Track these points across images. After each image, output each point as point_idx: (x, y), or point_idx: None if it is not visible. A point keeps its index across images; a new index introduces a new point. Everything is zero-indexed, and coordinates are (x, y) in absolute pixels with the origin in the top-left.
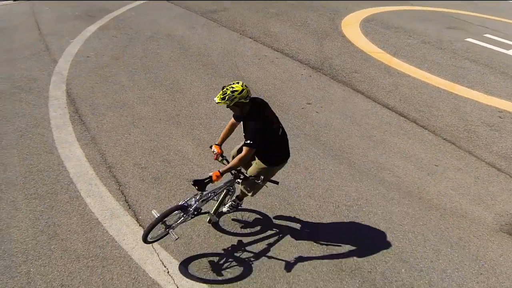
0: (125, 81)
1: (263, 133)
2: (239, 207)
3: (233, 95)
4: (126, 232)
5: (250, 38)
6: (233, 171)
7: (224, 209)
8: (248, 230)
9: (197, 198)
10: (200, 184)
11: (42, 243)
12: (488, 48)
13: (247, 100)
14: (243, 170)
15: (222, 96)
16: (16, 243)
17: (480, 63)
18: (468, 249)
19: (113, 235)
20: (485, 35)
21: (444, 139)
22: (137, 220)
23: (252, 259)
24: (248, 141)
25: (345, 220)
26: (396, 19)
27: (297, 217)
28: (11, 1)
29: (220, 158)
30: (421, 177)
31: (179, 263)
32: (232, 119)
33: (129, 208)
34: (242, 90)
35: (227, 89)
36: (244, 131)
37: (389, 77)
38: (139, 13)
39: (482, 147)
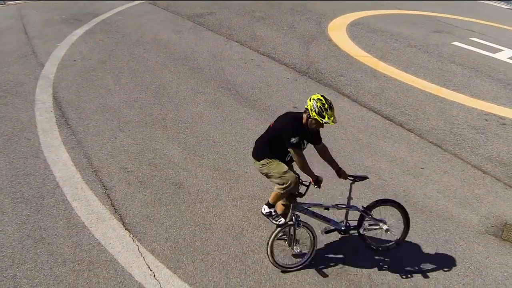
0: (111, 85)
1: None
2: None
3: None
4: (112, 236)
5: (236, 42)
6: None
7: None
8: (233, 234)
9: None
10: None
11: (28, 247)
12: (475, 52)
13: None
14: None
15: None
16: (2, 247)
17: (466, 67)
18: (454, 251)
19: (99, 239)
20: (472, 38)
21: (430, 142)
22: (123, 224)
23: (237, 263)
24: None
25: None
26: (383, 23)
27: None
28: None
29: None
30: (407, 180)
31: (165, 267)
32: (301, 152)
33: (115, 212)
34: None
35: (331, 103)
36: (316, 138)
37: (375, 80)
38: (126, 17)
39: (468, 150)
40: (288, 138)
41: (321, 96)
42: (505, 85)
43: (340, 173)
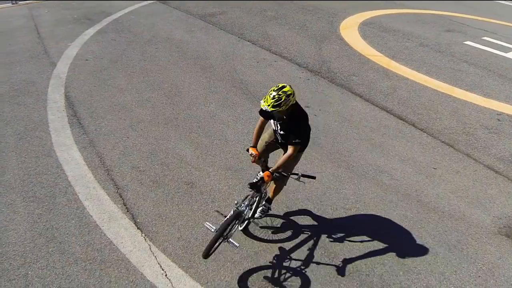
0: (123, 84)
1: (309, 130)
2: (269, 212)
3: (289, 99)
4: (124, 235)
5: (248, 41)
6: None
7: (256, 215)
8: (246, 234)
9: (246, 203)
10: (256, 187)
11: (40, 246)
12: (487, 51)
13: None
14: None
15: (276, 103)
16: (14, 246)
17: (478, 66)
18: (466, 251)
19: (111, 238)
20: (484, 38)
21: (443, 142)
22: (135, 223)
23: (249, 262)
24: (296, 140)
25: (343, 223)
26: (395, 22)
27: (295, 220)
28: (10, 4)
29: (261, 160)
30: (419, 180)
31: (177, 266)
32: (261, 118)
33: (127, 211)
34: (293, 91)
35: (280, 94)
36: (284, 131)
37: (387, 80)
38: (138, 16)
39: (480, 149)
40: None
41: (282, 85)
42: None
43: (265, 173)
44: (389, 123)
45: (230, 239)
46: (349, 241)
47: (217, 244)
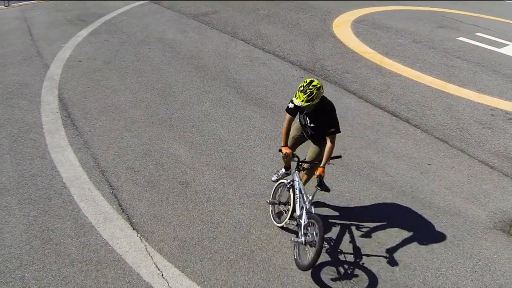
0: (117, 85)
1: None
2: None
3: (319, 91)
4: (120, 235)
5: (241, 40)
6: (299, 163)
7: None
8: (241, 233)
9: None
10: (323, 186)
11: (36, 248)
12: (480, 47)
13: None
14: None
15: (308, 98)
16: (10, 249)
17: (471, 62)
18: (462, 247)
19: (107, 239)
20: (477, 33)
21: (437, 138)
22: (130, 223)
23: (245, 261)
24: (334, 129)
25: (338, 221)
26: (387, 19)
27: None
28: (3, 6)
29: (295, 158)
30: (414, 176)
31: (173, 266)
32: (289, 116)
33: (123, 211)
34: (321, 84)
35: (311, 88)
36: (315, 122)
37: (381, 77)
38: (130, 17)
39: (474, 145)
40: (289, 102)
41: (310, 80)
42: (511, 80)
43: (318, 168)
44: (383, 120)
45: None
46: (344, 238)
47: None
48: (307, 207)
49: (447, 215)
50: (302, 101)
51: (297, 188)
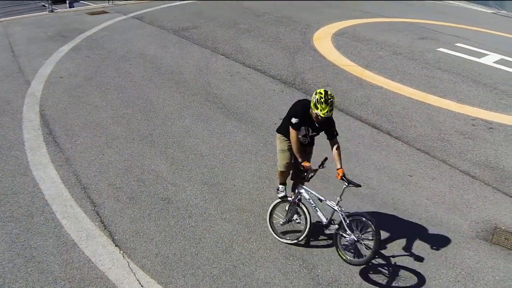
0: (98, 101)
1: None
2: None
3: (333, 99)
4: (102, 252)
5: (222, 55)
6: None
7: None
8: (223, 248)
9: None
10: (355, 183)
11: (19, 266)
12: (460, 57)
13: None
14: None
15: (331, 107)
16: None
17: (452, 72)
18: (444, 257)
19: (90, 256)
20: (457, 44)
21: (418, 149)
22: (113, 240)
23: (228, 276)
24: (335, 132)
25: (321, 234)
26: (368, 32)
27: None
28: None
29: (317, 167)
30: (395, 188)
31: (156, 282)
32: (296, 131)
33: (105, 228)
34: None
35: (330, 99)
36: (317, 130)
37: (361, 89)
38: (111, 32)
39: (456, 155)
40: (289, 117)
41: (324, 90)
42: (491, 89)
43: (338, 171)
44: (364, 133)
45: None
46: (327, 251)
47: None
48: (339, 209)
49: (429, 225)
50: (328, 111)
51: (310, 199)
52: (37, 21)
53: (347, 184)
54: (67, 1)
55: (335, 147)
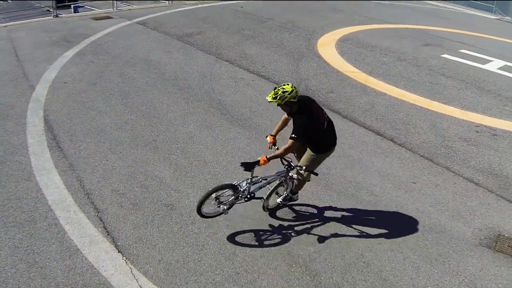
0: (102, 106)
1: (307, 128)
2: (293, 201)
3: (284, 95)
4: (105, 258)
5: (226, 61)
6: (284, 162)
7: (278, 200)
8: (226, 255)
9: (248, 181)
10: (247, 166)
11: (21, 271)
12: (464, 64)
13: (296, 100)
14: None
15: (274, 96)
16: None
17: (456, 79)
18: (448, 264)
19: (92, 262)
20: (461, 50)
21: (422, 156)
22: (115, 246)
23: (230, 283)
24: (293, 135)
25: (323, 241)
26: (372, 38)
27: (275, 239)
28: None
29: (273, 147)
30: (398, 195)
31: None
32: (285, 115)
33: (108, 234)
34: (292, 90)
35: (278, 89)
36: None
37: (365, 96)
38: (116, 38)
39: (459, 162)
40: None
41: (284, 83)
42: (495, 96)
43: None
44: (368, 139)
45: (222, 206)
46: (330, 258)
47: (211, 207)
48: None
49: (432, 233)
50: (269, 96)
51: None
52: (42, 26)
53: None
54: (72, 6)
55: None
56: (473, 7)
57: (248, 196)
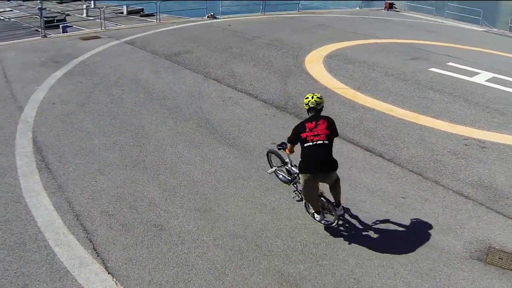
0: (90, 127)
1: (294, 129)
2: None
3: (322, 100)
4: (95, 280)
5: (214, 80)
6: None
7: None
8: (216, 274)
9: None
10: (280, 145)
11: None
12: (452, 77)
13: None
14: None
15: (320, 96)
16: None
17: (444, 92)
18: (439, 279)
19: (83, 284)
20: (448, 63)
21: (411, 170)
22: (105, 268)
23: None
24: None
25: (313, 259)
26: (359, 54)
27: (264, 257)
28: None
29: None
30: (388, 211)
31: None
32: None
33: (98, 256)
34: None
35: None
36: None
37: (353, 112)
38: (104, 58)
39: (448, 176)
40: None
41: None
42: (483, 108)
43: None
44: (356, 156)
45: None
46: (320, 276)
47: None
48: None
49: (422, 247)
50: (316, 96)
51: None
52: (30, 46)
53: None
54: (61, 26)
55: None
56: (460, 20)
57: (291, 177)
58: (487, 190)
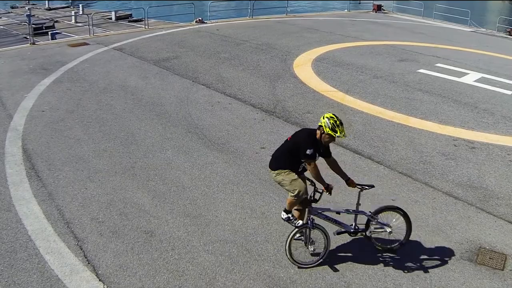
0: (80, 134)
1: None
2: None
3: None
4: (86, 287)
5: (202, 85)
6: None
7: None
8: (207, 280)
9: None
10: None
11: None
12: (440, 78)
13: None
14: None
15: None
16: None
17: (433, 93)
18: (429, 280)
19: None
20: (437, 64)
21: (400, 172)
22: (96, 275)
23: None
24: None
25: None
26: (348, 56)
27: (255, 262)
28: None
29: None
30: None
31: None
32: (314, 162)
33: (88, 263)
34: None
35: (340, 119)
36: (327, 151)
37: (342, 115)
38: (93, 64)
39: (438, 177)
40: (304, 149)
41: (333, 114)
42: (472, 109)
43: (349, 183)
44: (346, 159)
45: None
46: (311, 279)
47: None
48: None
49: (413, 249)
50: (342, 132)
51: (327, 219)
52: (19, 54)
53: (360, 188)
54: (49, 33)
55: (336, 162)
56: (448, 21)
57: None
58: (477, 191)
